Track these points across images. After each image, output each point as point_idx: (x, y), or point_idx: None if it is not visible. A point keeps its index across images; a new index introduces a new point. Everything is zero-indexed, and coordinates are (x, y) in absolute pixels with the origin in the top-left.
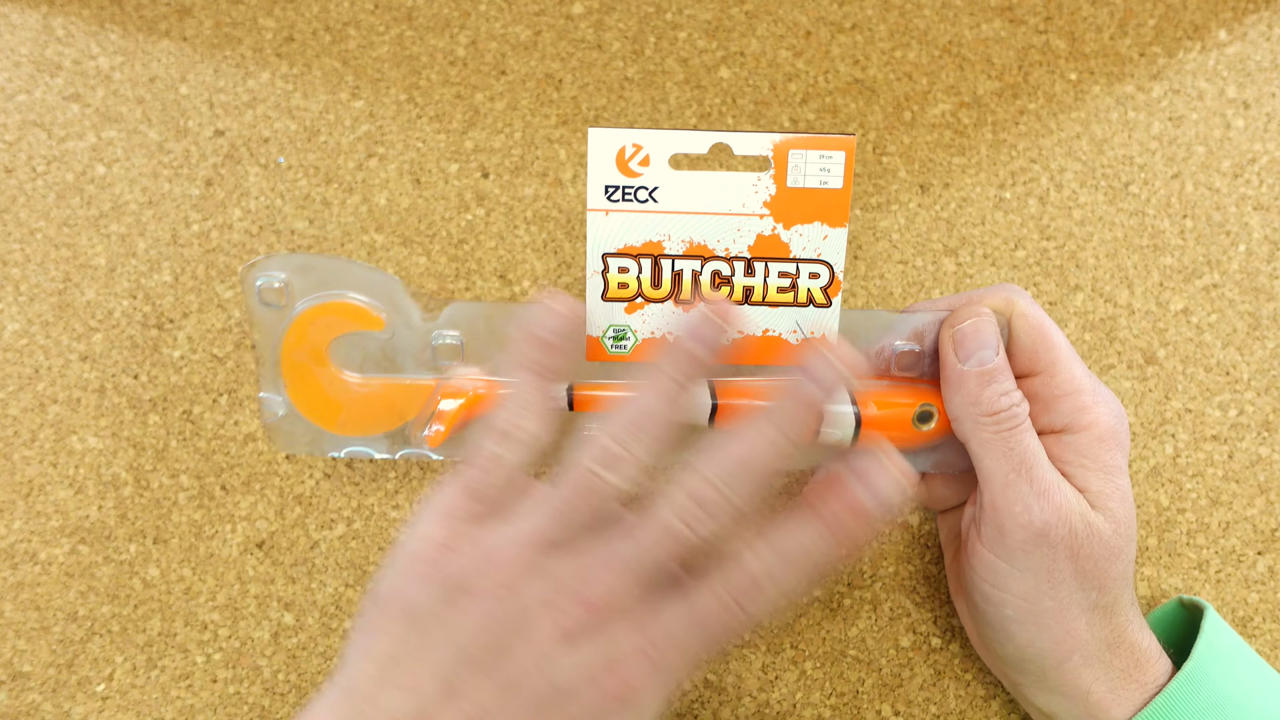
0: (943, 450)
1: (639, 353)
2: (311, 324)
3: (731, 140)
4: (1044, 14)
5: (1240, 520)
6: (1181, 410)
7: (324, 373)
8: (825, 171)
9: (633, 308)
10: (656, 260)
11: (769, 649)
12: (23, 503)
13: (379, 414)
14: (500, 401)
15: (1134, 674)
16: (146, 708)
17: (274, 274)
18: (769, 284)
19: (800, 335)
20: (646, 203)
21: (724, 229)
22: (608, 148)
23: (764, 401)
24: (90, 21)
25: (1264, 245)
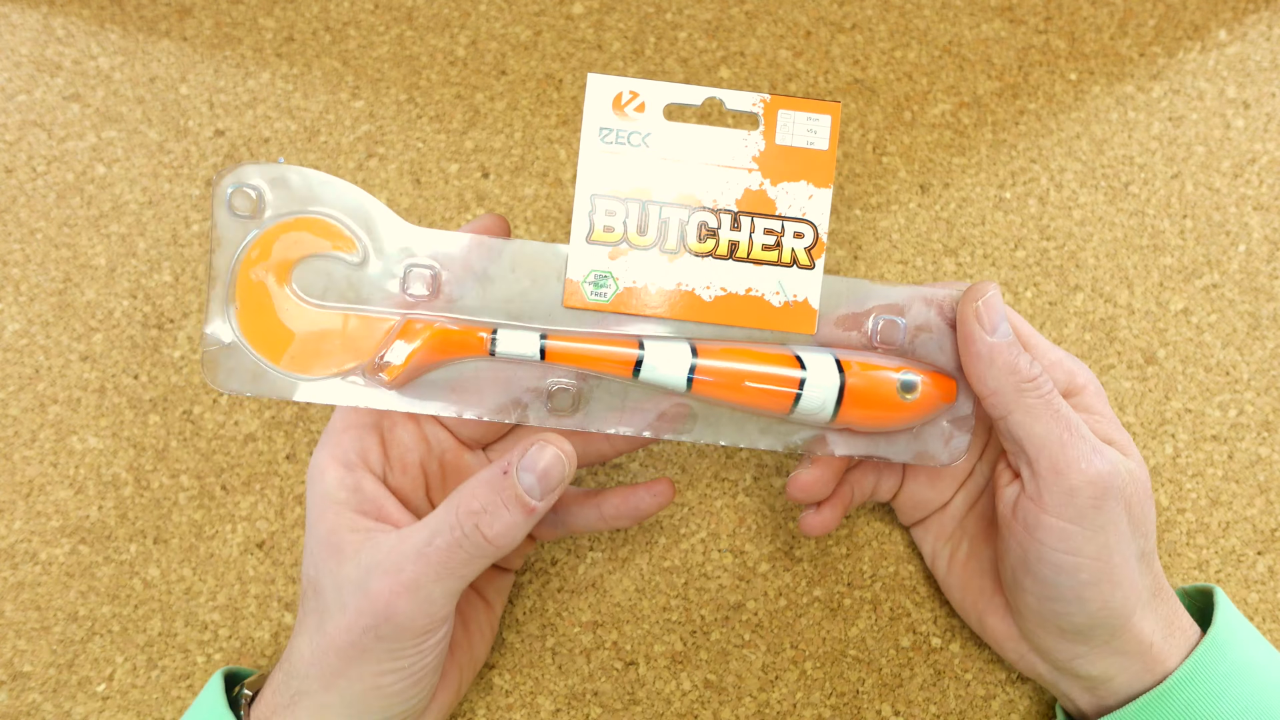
0: (924, 439)
1: (619, 302)
2: (279, 239)
3: (724, 95)
4: (1044, 14)
5: (1240, 520)
6: (1181, 410)
7: (282, 294)
8: (812, 133)
9: (616, 253)
10: (644, 205)
11: (769, 649)
12: (23, 503)
13: (333, 348)
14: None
15: (1175, 621)
16: (147, 708)
17: (248, 182)
18: (754, 240)
19: (783, 296)
20: (639, 147)
21: (712, 180)
22: (605, 92)
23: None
24: (90, 21)
25: (1264, 245)
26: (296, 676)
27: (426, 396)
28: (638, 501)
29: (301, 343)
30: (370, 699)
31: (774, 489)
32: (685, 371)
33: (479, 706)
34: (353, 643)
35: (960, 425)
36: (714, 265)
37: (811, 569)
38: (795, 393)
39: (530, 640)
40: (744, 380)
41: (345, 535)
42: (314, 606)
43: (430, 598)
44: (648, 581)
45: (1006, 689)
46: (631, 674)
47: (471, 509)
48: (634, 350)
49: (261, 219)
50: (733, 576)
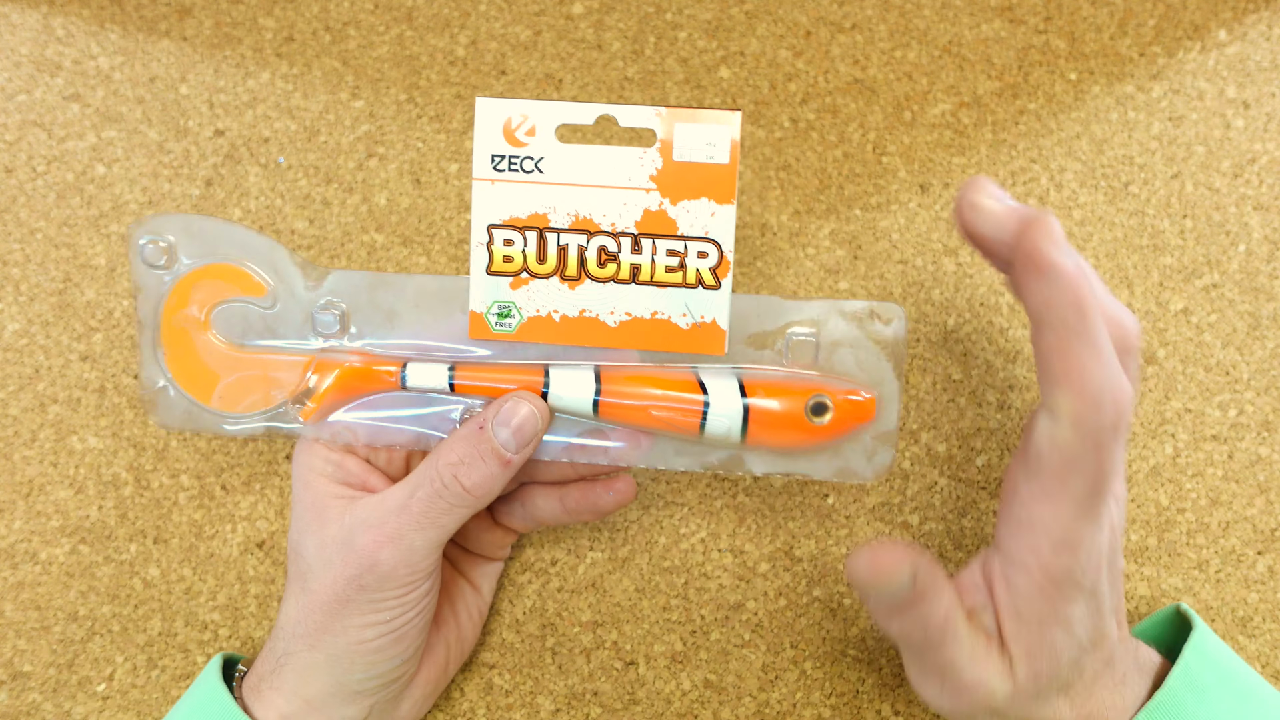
0: (846, 455)
1: (524, 332)
2: (194, 287)
3: (617, 112)
4: (1044, 14)
5: (1240, 520)
6: (1181, 410)
7: (203, 340)
8: (711, 146)
9: (518, 283)
10: (542, 233)
11: (769, 649)
12: (23, 503)
13: (256, 387)
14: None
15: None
16: (147, 708)
17: (159, 234)
18: (656, 262)
19: (690, 318)
20: (532, 173)
21: (610, 202)
22: (495, 117)
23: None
24: (90, 21)
25: (1264, 245)
26: (282, 639)
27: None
28: (596, 498)
29: (227, 384)
30: (354, 655)
31: (774, 489)
32: (590, 397)
33: (479, 706)
34: (336, 595)
35: (884, 440)
36: (617, 290)
37: (811, 569)
38: (700, 418)
39: (530, 640)
40: (650, 407)
41: (329, 501)
42: (297, 571)
43: (412, 547)
44: (648, 581)
45: None
46: (631, 674)
47: (450, 460)
48: (538, 378)
49: (175, 269)
50: (733, 576)
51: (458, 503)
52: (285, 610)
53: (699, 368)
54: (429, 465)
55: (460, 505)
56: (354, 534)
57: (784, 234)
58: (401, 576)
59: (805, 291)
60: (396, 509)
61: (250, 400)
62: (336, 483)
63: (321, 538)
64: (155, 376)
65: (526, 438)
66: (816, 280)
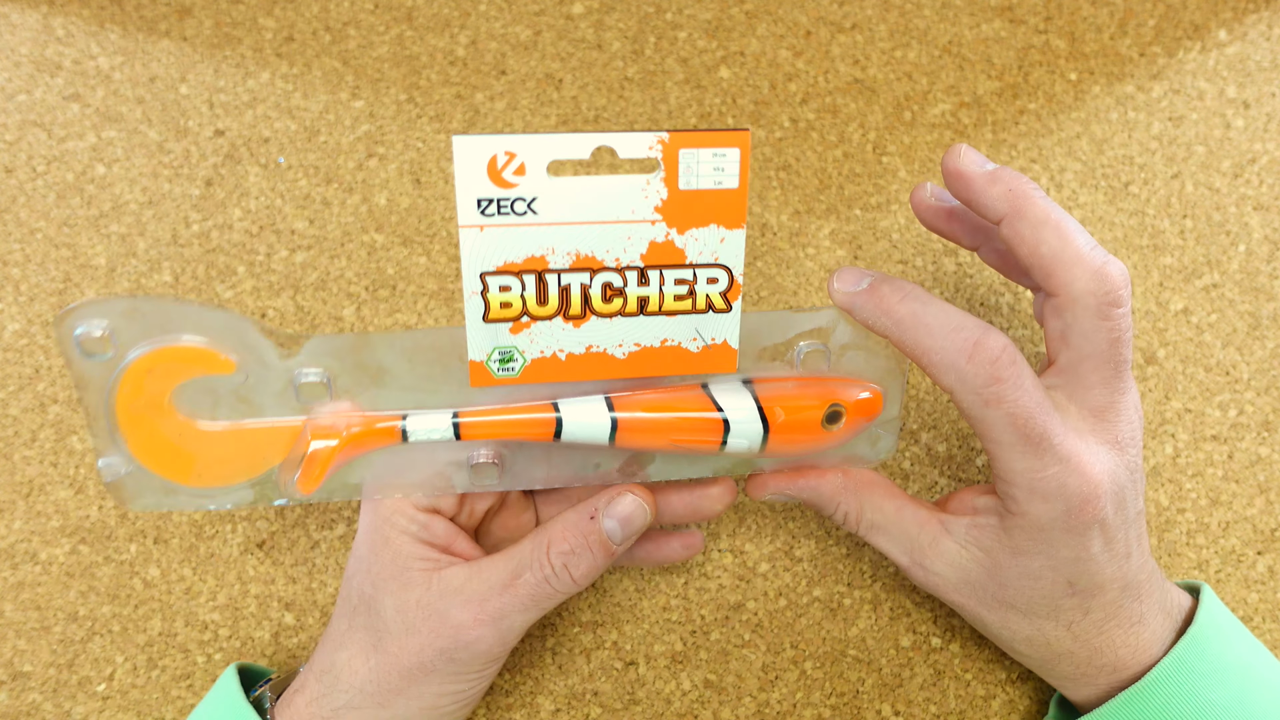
0: (851, 443)
1: (529, 374)
2: (147, 374)
3: (615, 142)
4: (1044, 14)
5: (1240, 520)
6: (1181, 410)
7: (169, 423)
8: (719, 171)
9: (518, 327)
10: (541, 276)
11: (769, 649)
12: (23, 503)
13: (240, 460)
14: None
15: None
16: (147, 708)
17: (93, 321)
18: (665, 292)
19: (700, 342)
20: (525, 215)
21: (613, 238)
22: (476, 157)
23: (666, 415)
24: (90, 21)
25: (1264, 245)
26: (344, 690)
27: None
28: (669, 550)
29: (205, 461)
30: (421, 717)
31: None
32: (608, 426)
33: (479, 706)
34: (421, 664)
35: (886, 426)
36: (624, 323)
37: (811, 569)
38: (720, 439)
39: (530, 640)
40: (668, 432)
41: (413, 562)
42: (367, 624)
43: (512, 627)
44: (648, 581)
45: (1006, 689)
46: (631, 674)
47: (561, 550)
48: (551, 415)
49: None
50: (733, 576)
51: (564, 590)
52: (350, 663)
53: (709, 385)
54: (537, 549)
55: (563, 593)
56: (448, 606)
57: (784, 234)
58: (494, 654)
59: (805, 291)
60: (499, 588)
61: (233, 472)
62: (421, 543)
63: (403, 600)
64: (118, 465)
65: (633, 530)
66: (817, 280)
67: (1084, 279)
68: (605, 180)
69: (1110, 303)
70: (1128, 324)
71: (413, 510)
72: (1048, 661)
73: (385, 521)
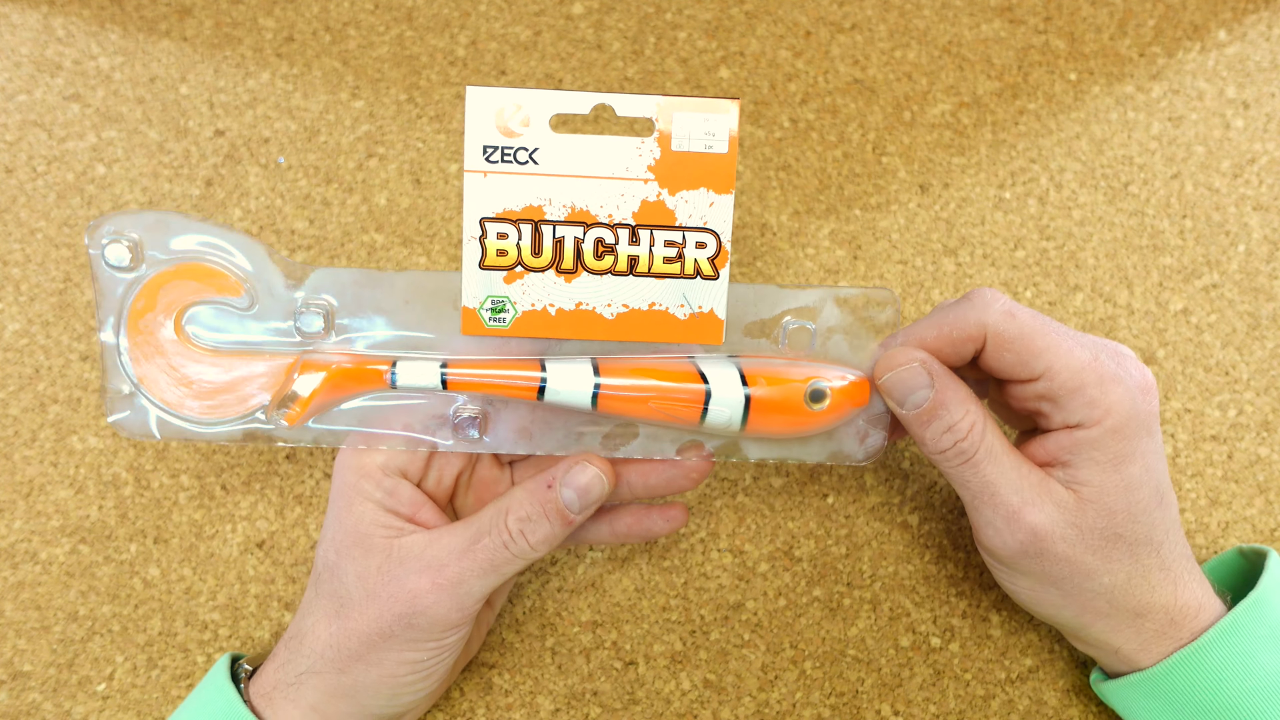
0: (839, 439)
1: (519, 327)
2: (163, 288)
3: (614, 101)
4: (1044, 14)
5: (1240, 520)
6: (1181, 410)
7: (174, 345)
8: (710, 135)
9: (512, 277)
10: (537, 226)
11: (768, 649)
12: (23, 502)
13: (233, 390)
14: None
15: (1169, 631)
16: (147, 707)
17: (123, 233)
18: (654, 253)
19: (688, 309)
20: (526, 164)
21: (607, 194)
22: (486, 106)
23: (649, 381)
24: (90, 21)
25: (1264, 245)
26: (306, 655)
27: (334, 427)
28: (650, 524)
29: (200, 388)
30: (381, 686)
31: (773, 489)
32: (590, 390)
33: (479, 706)
34: (380, 629)
35: (875, 423)
36: (614, 282)
37: (811, 569)
38: (702, 407)
39: (530, 640)
40: (650, 398)
41: (375, 529)
42: (330, 590)
43: (470, 593)
44: (647, 581)
45: (1006, 689)
46: (631, 674)
47: (519, 516)
48: (536, 373)
49: (140, 269)
50: (732, 576)
51: (521, 555)
52: (314, 629)
53: (697, 357)
54: (496, 516)
55: (521, 558)
56: (407, 572)
57: (784, 234)
58: (451, 620)
59: None
60: (458, 553)
61: (226, 404)
62: (385, 510)
63: (364, 566)
64: (120, 384)
65: (591, 500)
66: (816, 280)
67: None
68: (603, 138)
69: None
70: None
71: (379, 475)
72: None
73: (351, 488)
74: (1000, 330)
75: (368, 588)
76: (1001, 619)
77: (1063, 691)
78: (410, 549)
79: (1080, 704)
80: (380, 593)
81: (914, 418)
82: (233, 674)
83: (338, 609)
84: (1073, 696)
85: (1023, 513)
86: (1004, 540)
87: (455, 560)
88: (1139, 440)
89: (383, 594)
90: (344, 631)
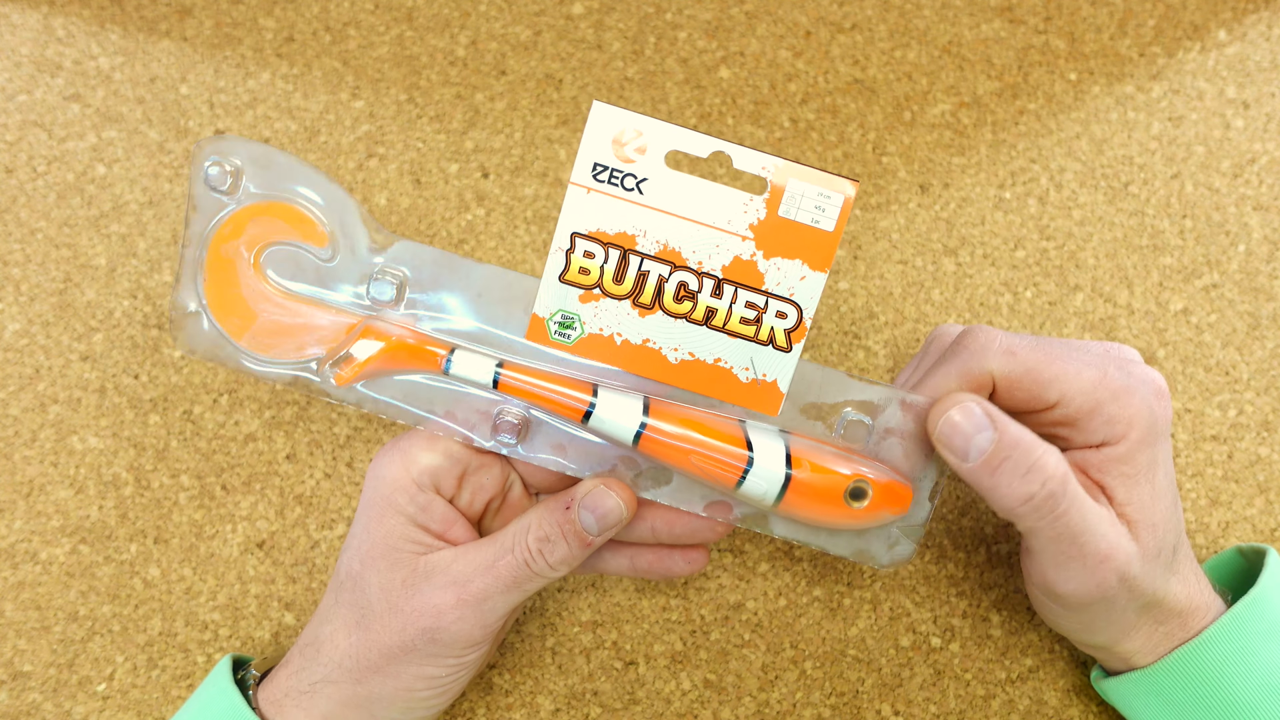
0: (868, 539)
1: (582, 347)
2: (252, 220)
3: (733, 152)
4: (1044, 14)
5: (1240, 520)
6: (1181, 410)
7: (249, 276)
8: (820, 210)
9: (588, 297)
10: (625, 254)
11: (769, 649)
12: (23, 503)
13: (293, 336)
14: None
15: (1176, 633)
16: (147, 707)
17: (227, 158)
18: (734, 311)
19: (752, 373)
20: (632, 191)
21: (702, 240)
22: (608, 125)
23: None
24: (90, 21)
25: (1263, 245)
26: (323, 664)
27: (379, 396)
28: (672, 564)
29: (263, 324)
30: (396, 699)
31: None
32: (635, 428)
33: (479, 706)
34: (402, 643)
35: (909, 534)
36: (687, 328)
37: (811, 569)
38: (740, 474)
39: (530, 640)
40: (691, 451)
41: (404, 543)
42: (353, 600)
43: (494, 610)
44: (647, 581)
45: (1006, 689)
46: (631, 674)
47: (537, 535)
48: (587, 397)
49: (237, 195)
50: (733, 576)
51: (542, 574)
52: (332, 638)
53: (748, 423)
54: (518, 534)
55: (540, 578)
56: (431, 587)
57: None
58: (474, 637)
59: None
60: (482, 569)
61: (283, 347)
62: (415, 525)
63: (389, 579)
64: (188, 300)
65: (609, 525)
66: None
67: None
68: (713, 186)
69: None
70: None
71: (414, 489)
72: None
73: (384, 500)
74: (1006, 373)
75: (391, 601)
76: (1001, 619)
77: (1063, 691)
78: (436, 565)
79: (1080, 704)
80: (404, 607)
81: (981, 467)
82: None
83: (359, 620)
84: (1073, 696)
85: (1113, 557)
86: (1084, 585)
87: (479, 577)
88: (1160, 446)
89: (406, 608)
90: (364, 643)
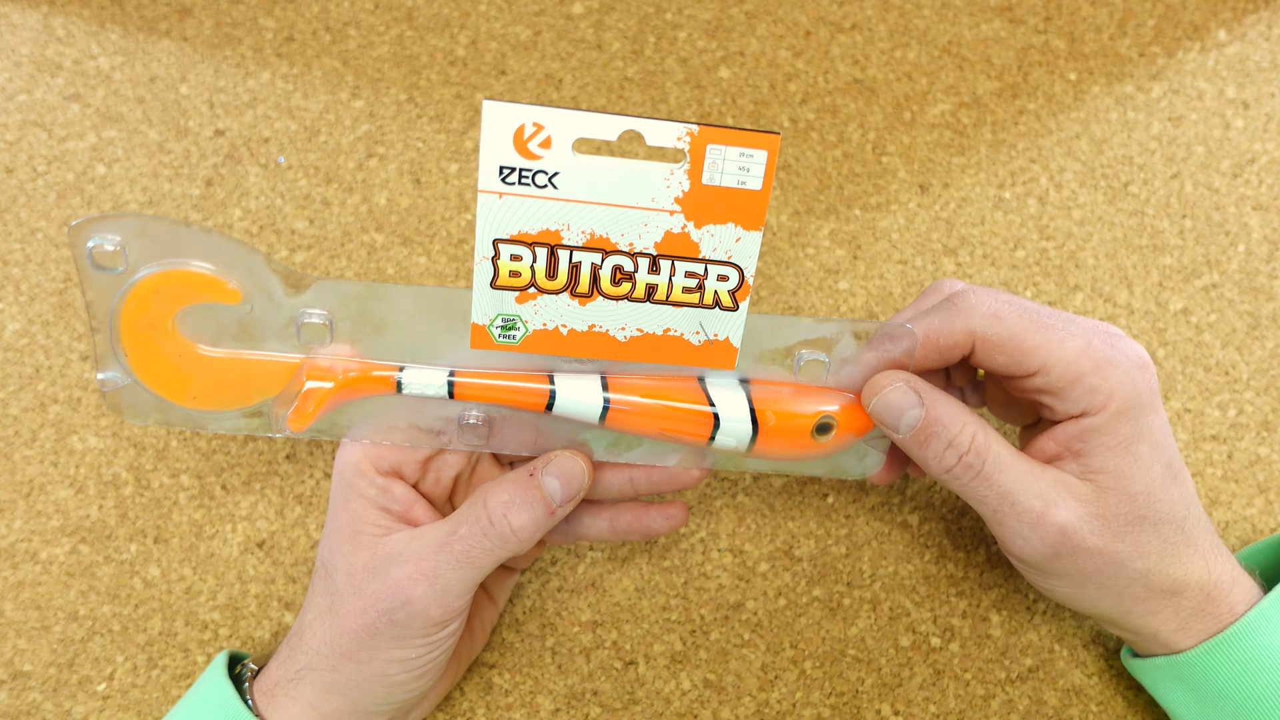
0: (838, 456)
1: (529, 344)
2: (153, 293)
3: (644, 128)
4: (1044, 14)
5: (1240, 520)
6: (1181, 410)
7: (171, 344)
8: (744, 171)
9: (524, 297)
10: (553, 250)
11: (768, 649)
12: (23, 502)
13: (236, 388)
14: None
15: (1206, 608)
16: (147, 707)
17: (107, 235)
18: (674, 283)
19: (703, 336)
20: (545, 188)
21: (629, 222)
22: (504, 124)
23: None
24: (90, 21)
25: (1263, 245)
26: (305, 652)
27: (342, 419)
28: (650, 521)
29: (202, 384)
30: (375, 684)
31: (773, 489)
32: (599, 406)
33: (479, 706)
34: (366, 625)
35: (876, 445)
36: (630, 308)
37: (811, 569)
38: (708, 436)
39: (530, 640)
40: (659, 419)
41: (366, 526)
42: (324, 588)
43: (448, 585)
44: (647, 581)
45: (1006, 689)
46: (631, 674)
47: (500, 500)
48: (545, 386)
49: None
50: (732, 576)
51: (500, 543)
52: (311, 626)
53: (708, 380)
54: (475, 504)
55: (502, 547)
56: (389, 565)
57: (784, 234)
58: (434, 615)
59: (804, 291)
60: (436, 545)
61: (229, 398)
62: (377, 508)
63: (352, 563)
64: (117, 379)
65: (572, 491)
66: (816, 280)
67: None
68: (629, 164)
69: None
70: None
71: (373, 473)
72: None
73: (346, 485)
74: (987, 335)
75: (355, 584)
76: (1001, 619)
77: (1063, 691)
78: (394, 546)
79: (1080, 704)
80: (365, 589)
81: (911, 440)
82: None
83: (330, 606)
84: (1073, 696)
85: (1048, 514)
86: (1034, 546)
87: (433, 554)
88: (1144, 419)
89: (367, 590)
90: (335, 629)
